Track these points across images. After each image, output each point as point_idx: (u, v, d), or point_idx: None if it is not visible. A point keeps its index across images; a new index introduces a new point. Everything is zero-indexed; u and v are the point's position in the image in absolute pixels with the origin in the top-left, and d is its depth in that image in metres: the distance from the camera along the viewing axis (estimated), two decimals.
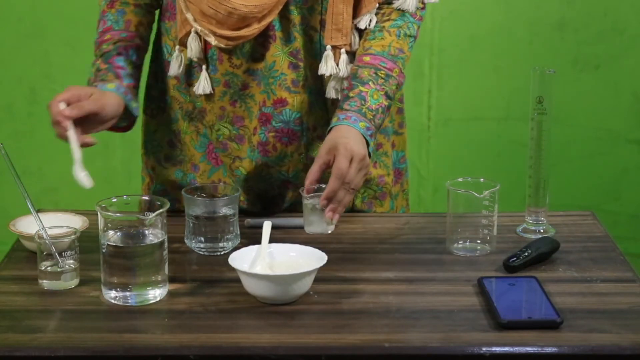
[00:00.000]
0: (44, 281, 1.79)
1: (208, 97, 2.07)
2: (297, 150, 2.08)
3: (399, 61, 2.03)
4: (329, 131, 1.96)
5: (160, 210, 1.74)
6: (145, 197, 1.81)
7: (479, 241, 1.94)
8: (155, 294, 1.74)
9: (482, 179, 1.95)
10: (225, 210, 1.94)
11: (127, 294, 1.73)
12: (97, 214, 1.73)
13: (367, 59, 2.01)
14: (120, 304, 1.73)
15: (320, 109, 2.08)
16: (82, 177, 1.85)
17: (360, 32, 2.05)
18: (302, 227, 2.04)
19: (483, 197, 1.90)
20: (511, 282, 1.80)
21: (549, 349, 1.58)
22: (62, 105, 1.90)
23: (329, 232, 1.85)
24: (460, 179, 1.96)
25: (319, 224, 1.85)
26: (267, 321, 1.68)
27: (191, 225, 1.94)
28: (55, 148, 3.62)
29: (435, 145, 3.63)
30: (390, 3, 2.05)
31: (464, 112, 3.63)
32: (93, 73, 2.05)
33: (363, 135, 1.93)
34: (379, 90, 1.98)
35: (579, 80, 3.59)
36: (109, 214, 1.73)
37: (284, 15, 2.01)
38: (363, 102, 1.97)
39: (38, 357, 1.58)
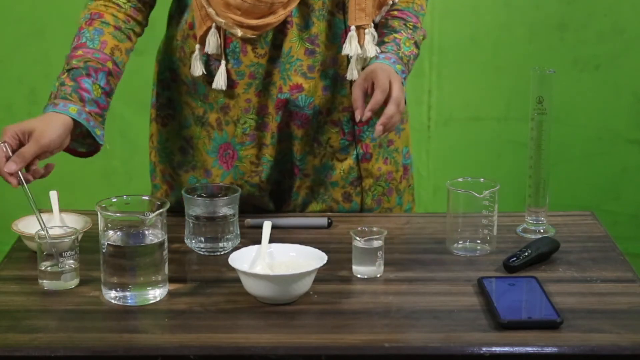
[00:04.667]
0: (44, 281, 1.79)
1: (232, 92, 2.06)
2: (307, 133, 2.10)
3: (420, 17, 2.13)
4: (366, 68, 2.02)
5: (160, 210, 1.74)
6: (145, 197, 1.81)
7: (479, 241, 1.94)
8: (155, 294, 1.74)
9: (482, 179, 1.95)
10: (225, 210, 1.94)
11: (127, 294, 1.73)
12: (97, 214, 1.73)
13: (395, 13, 2.11)
14: (120, 304, 1.73)
15: (334, 93, 2.09)
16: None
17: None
18: (302, 227, 2.05)
19: (483, 197, 1.91)
20: (511, 282, 1.80)
21: (549, 349, 1.58)
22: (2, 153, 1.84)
23: (378, 275, 1.84)
24: (460, 179, 1.96)
25: (369, 266, 1.84)
26: (267, 321, 1.68)
27: (191, 225, 1.94)
28: None
29: (435, 145, 3.63)
30: None
31: (464, 112, 3.63)
32: (56, 87, 1.98)
33: (399, 76, 2.01)
34: (410, 39, 2.08)
35: (579, 80, 3.59)
36: (109, 214, 1.73)
37: (303, 1, 2.02)
38: (398, 47, 2.05)
39: (38, 357, 1.58)
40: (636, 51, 3.58)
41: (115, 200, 1.77)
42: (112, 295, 1.73)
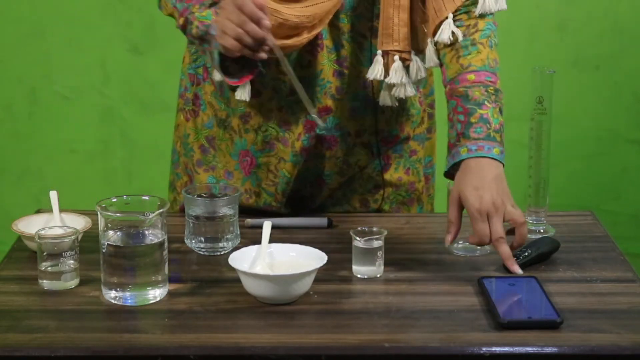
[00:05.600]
0: (44, 281, 1.79)
1: (254, 101, 2.03)
2: (335, 154, 2.09)
3: (497, 72, 1.99)
4: (458, 162, 1.90)
5: (160, 210, 1.73)
6: (145, 197, 1.81)
7: None
8: (155, 294, 1.74)
9: None
10: (225, 210, 1.94)
11: (127, 294, 1.73)
12: (97, 214, 1.73)
13: (472, 77, 1.96)
14: (120, 304, 1.73)
15: (366, 115, 2.08)
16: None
17: (436, 45, 2.00)
18: (302, 227, 2.05)
19: None
20: (511, 282, 1.80)
21: (549, 349, 1.58)
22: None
23: (378, 275, 1.84)
24: None
25: (369, 266, 1.84)
26: (267, 321, 1.68)
27: (191, 225, 1.94)
28: (55, 148, 3.65)
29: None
30: (468, 12, 2.00)
31: None
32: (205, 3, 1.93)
33: (498, 160, 1.88)
34: (495, 108, 1.93)
35: (579, 80, 3.59)
36: (109, 214, 1.73)
37: (333, 23, 2.00)
38: (488, 125, 1.90)
39: (38, 357, 1.58)
40: (636, 51, 3.58)
41: (115, 200, 1.77)
42: (112, 295, 1.73)
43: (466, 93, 1.94)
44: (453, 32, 1.97)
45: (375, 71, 2.01)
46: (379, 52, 2.01)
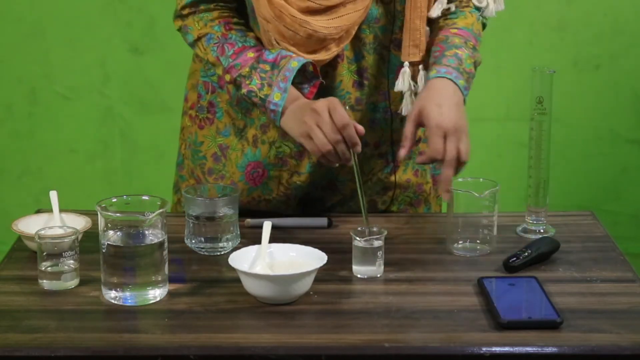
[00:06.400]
0: (44, 281, 1.79)
1: None
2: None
3: (479, 41, 2.04)
4: (425, 83, 1.95)
5: (160, 210, 1.74)
6: (145, 197, 1.81)
7: (478, 241, 1.94)
8: (155, 294, 1.74)
9: (482, 179, 1.95)
10: (225, 210, 1.94)
11: (127, 294, 1.73)
12: (97, 214, 1.73)
13: (454, 31, 2.02)
14: (120, 304, 1.73)
15: (383, 127, 2.08)
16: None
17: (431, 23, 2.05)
18: (302, 227, 2.04)
19: (483, 197, 1.91)
20: (511, 282, 1.80)
21: (549, 349, 1.58)
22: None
23: (378, 275, 1.84)
24: (460, 179, 1.96)
25: (369, 266, 1.84)
26: (267, 321, 1.68)
27: (191, 225, 1.94)
28: (55, 148, 3.65)
29: None
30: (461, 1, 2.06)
31: None
32: (258, 76, 1.97)
33: (462, 91, 1.93)
34: (471, 57, 1.99)
35: (579, 80, 3.59)
36: (109, 214, 1.73)
37: (355, 34, 2.00)
38: (460, 62, 1.97)
39: (38, 357, 1.58)
40: (636, 51, 3.58)
41: (115, 200, 1.77)
42: (112, 295, 1.73)
43: (446, 38, 2.00)
44: (444, 8, 2.02)
45: (405, 83, 2.01)
46: (406, 63, 2.01)
